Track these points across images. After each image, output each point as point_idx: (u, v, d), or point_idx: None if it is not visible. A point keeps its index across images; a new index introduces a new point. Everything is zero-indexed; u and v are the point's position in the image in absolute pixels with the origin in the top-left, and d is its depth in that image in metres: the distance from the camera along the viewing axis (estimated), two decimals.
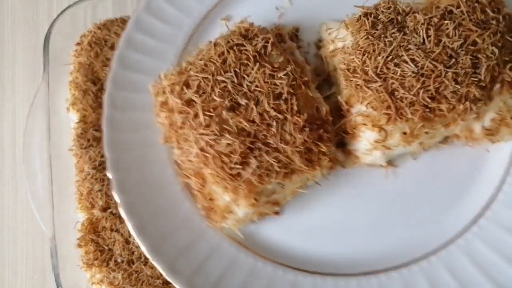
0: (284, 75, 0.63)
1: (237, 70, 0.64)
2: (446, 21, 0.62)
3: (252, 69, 0.64)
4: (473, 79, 0.60)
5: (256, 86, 0.63)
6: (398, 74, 0.60)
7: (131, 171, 0.67)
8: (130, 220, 0.64)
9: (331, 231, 0.67)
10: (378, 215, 0.66)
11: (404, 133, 0.61)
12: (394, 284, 0.63)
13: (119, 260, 0.75)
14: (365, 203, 0.67)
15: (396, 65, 0.61)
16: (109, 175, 0.66)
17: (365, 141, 0.64)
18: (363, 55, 0.62)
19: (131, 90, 0.71)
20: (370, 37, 0.63)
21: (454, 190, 0.66)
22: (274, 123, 0.61)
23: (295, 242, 0.67)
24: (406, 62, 0.60)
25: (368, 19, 0.64)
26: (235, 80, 0.64)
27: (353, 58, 0.63)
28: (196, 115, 0.62)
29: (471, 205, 0.65)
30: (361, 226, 0.66)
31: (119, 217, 0.71)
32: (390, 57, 0.61)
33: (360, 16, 0.65)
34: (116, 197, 0.65)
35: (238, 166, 0.60)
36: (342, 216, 0.67)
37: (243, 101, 0.62)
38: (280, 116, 0.62)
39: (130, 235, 0.73)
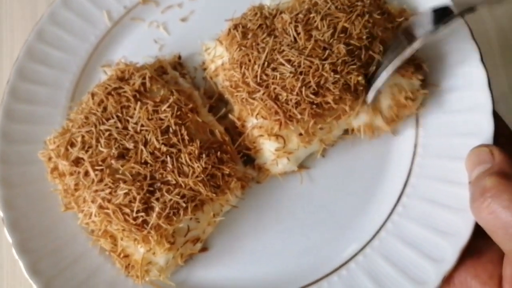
0: (168, 107, 0.61)
1: (119, 114, 0.61)
2: (312, 15, 0.61)
3: (135, 109, 0.61)
4: (352, 66, 0.59)
5: (142, 125, 0.60)
6: (278, 78, 0.59)
7: (43, 253, 0.62)
8: None
9: (261, 252, 0.63)
10: (302, 223, 0.64)
11: (300, 134, 0.60)
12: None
13: None
14: (286, 214, 0.64)
15: (273, 69, 0.59)
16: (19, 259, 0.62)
17: (267, 152, 0.62)
18: (241, 67, 0.61)
19: (22, 163, 0.67)
20: (243, 48, 0.61)
21: (368, 180, 0.65)
22: (168, 159, 0.59)
23: (230, 273, 0.63)
24: (283, 64, 0.59)
25: (237, 30, 0.63)
26: (119, 125, 0.60)
27: (233, 73, 0.61)
28: (86, 173, 0.59)
29: (390, 186, 0.64)
30: (287, 240, 0.64)
31: None
32: (266, 63, 0.60)
33: (229, 29, 0.64)
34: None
35: (141, 214, 0.56)
36: (268, 233, 0.64)
37: (130, 145, 0.59)
38: (172, 149, 0.59)
39: None
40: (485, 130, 0.59)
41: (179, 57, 0.72)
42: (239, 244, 0.64)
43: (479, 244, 0.57)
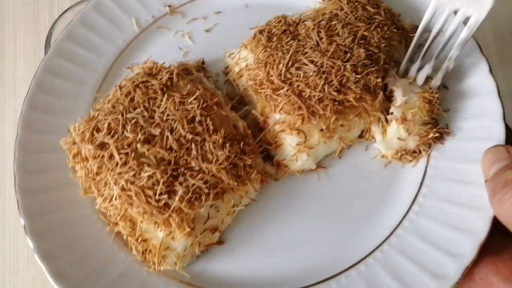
0: (194, 99, 0.63)
1: (146, 105, 0.63)
2: (333, 22, 0.66)
3: (161, 100, 0.63)
4: (371, 68, 0.63)
5: (168, 115, 0.62)
6: (302, 76, 0.62)
7: (55, 236, 0.61)
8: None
9: (278, 247, 0.63)
10: (319, 220, 0.65)
11: (322, 130, 0.62)
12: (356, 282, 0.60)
13: None
14: (304, 211, 0.65)
15: (297, 68, 0.63)
16: (30, 243, 0.60)
17: (288, 147, 0.64)
18: (266, 66, 0.64)
19: (41, 152, 0.67)
20: (268, 49, 0.65)
21: (384, 180, 0.66)
22: (193, 146, 0.60)
23: (246, 268, 0.63)
24: (306, 64, 0.63)
25: (263, 34, 0.67)
26: (146, 114, 0.62)
27: (258, 72, 0.65)
28: (111, 156, 0.60)
29: (405, 186, 0.66)
30: (305, 236, 0.64)
31: None
32: (291, 62, 0.63)
33: (255, 34, 0.68)
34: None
35: (163, 197, 0.57)
36: (285, 229, 0.64)
37: (157, 132, 0.61)
38: (197, 138, 0.61)
39: None
40: (497, 135, 0.62)
41: (203, 62, 0.75)
42: (255, 239, 0.64)
43: (498, 242, 0.58)
